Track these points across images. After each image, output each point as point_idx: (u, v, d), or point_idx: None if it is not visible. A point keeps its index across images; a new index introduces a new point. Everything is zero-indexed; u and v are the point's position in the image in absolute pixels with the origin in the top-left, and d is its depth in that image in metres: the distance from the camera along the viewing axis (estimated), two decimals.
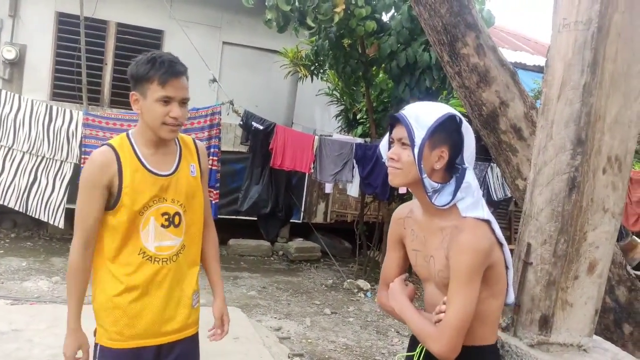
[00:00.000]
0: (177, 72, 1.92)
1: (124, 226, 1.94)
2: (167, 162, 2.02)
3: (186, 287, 2.07)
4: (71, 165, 6.58)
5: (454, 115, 1.66)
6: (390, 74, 5.73)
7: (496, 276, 1.62)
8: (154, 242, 1.97)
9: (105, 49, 7.88)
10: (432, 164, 1.64)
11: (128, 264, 1.97)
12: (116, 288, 1.96)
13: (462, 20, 3.15)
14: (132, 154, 1.97)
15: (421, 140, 1.60)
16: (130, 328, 1.97)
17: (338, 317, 6.08)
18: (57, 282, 5.70)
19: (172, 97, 1.90)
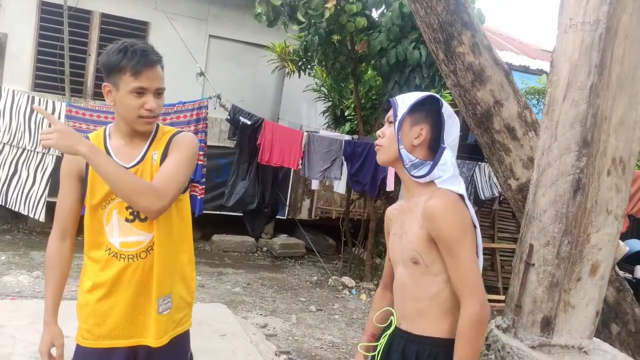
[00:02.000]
0: (150, 61, 1.81)
1: (89, 220, 1.88)
2: (135, 155, 1.90)
3: (158, 288, 1.89)
4: (53, 158, 6.44)
5: (435, 97, 1.81)
6: (379, 71, 5.71)
7: None
8: (119, 238, 1.87)
9: (88, 40, 7.72)
10: (412, 140, 1.77)
11: (97, 260, 1.89)
12: (87, 284, 1.91)
13: (458, 19, 3.14)
14: (101, 145, 1.90)
15: (402, 114, 1.77)
16: (98, 327, 1.89)
17: (324, 314, 6.06)
18: (38, 277, 5.57)
19: (146, 88, 1.80)
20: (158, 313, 1.90)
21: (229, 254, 8.17)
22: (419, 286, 1.73)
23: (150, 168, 1.89)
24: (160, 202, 1.78)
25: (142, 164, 1.89)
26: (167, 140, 1.94)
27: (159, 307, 1.90)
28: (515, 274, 1.87)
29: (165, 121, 6.31)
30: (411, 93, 1.86)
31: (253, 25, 8.22)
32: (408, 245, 1.74)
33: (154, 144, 1.94)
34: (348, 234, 7.84)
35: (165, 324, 1.94)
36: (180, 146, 1.92)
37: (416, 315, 1.74)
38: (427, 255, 1.69)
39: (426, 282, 1.71)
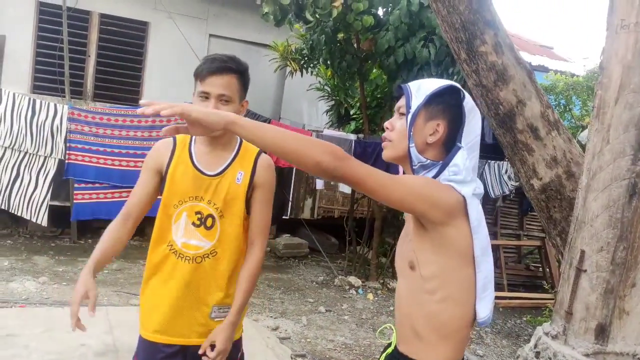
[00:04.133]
0: (217, 67, 1.90)
1: (160, 215, 1.99)
2: (217, 164, 2.01)
3: (208, 295, 2.00)
4: (55, 161, 6.35)
5: (457, 88, 1.58)
6: (386, 70, 5.66)
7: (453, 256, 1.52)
8: (182, 238, 1.97)
9: (88, 41, 7.61)
10: (425, 137, 1.55)
11: (158, 252, 2.00)
12: (146, 274, 2.04)
13: (480, 18, 3.11)
14: (185, 148, 2.01)
15: (417, 106, 1.54)
16: (148, 318, 2.01)
17: (333, 315, 6.02)
18: (45, 283, 5.49)
19: (208, 92, 1.89)
20: (210, 318, 2.01)
21: None
22: (414, 304, 1.58)
23: (230, 185, 2.00)
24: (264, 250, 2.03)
25: (222, 176, 2.00)
26: (253, 162, 2.05)
27: (212, 312, 2.01)
28: (564, 280, 1.84)
29: (169, 122, 6.24)
30: (428, 80, 1.64)
31: (253, 24, 8.16)
32: (408, 246, 1.59)
33: (237, 159, 2.04)
34: (353, 233, 7.81)
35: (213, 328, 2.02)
36: (268, 184, 2.06)
37: (412, 336, 1.59)
38: (421, 254, 1.53)
39: (422, 300, 1.55)
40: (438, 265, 1.52)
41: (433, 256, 1.53)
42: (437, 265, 1.52)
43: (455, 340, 1.55)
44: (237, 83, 1.94)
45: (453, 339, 1.55)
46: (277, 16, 5.44)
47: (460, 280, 1.54)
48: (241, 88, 1.97)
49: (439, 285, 1.53)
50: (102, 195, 6.38)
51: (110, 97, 7.69)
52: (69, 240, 7.16)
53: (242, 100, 2.00)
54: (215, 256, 1.99)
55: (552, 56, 10.47)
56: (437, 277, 1.53)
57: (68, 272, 6.04)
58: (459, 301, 1.54)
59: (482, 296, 1.55)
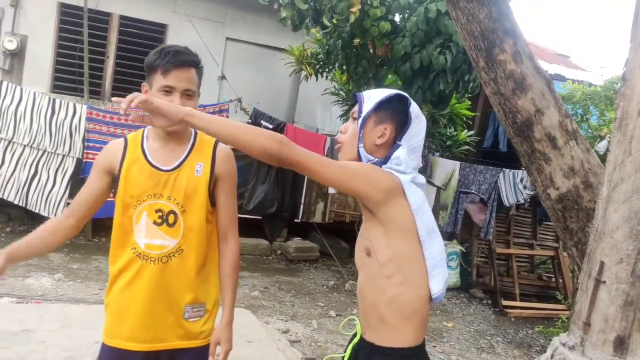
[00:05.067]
0: (181, 61, 1.85)
1: (119, 217, 1.92)
2: (173, 158, 1.93)
3: (179, 296, 1.93)
4: (73, 160, 6.43)
5: (404, 96, 1.77)
6: (402, 76, 5.67)
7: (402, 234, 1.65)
8: (145, 239, 1.89)
9: (107, 42, 7.71)
10: (374, 139, 1.72)
11: (121, 256, 1.94)
12: (112, 281, 1.97)
13: (500, 27, 3.11)
14: (138, 145, 1.94)
15: (367, 111, 1.71)
16: (116, 326, 1.94)
17: (343, 319, 6.02)
18: (60, 280, 5.56)
19: (173, 87, 1.83)
20: (183, 319, 1.94)
21: (244, 257, 8.13)
22: (376, 291, 1.69)
23: (189, 177, 1.93)
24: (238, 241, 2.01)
25: (180, 170, 1.93)
26: (212, 153, 1.98)
27: (185, 313, 1.94)
28: (583, 291, 1.84)
29: None
30: (379, 89, 1.81)
31: (269, 27, 8.22)
32: (362, 235, 1.74)
33: (194, 151, 1.97)
34: None
35: (192, 331, 1.97)
36: (231, 174, 2.01)
37: (378, 323, 1.70)
38: (375, 239, 1.66)
39: (382, 286, 1.68)
40: (391, 250, 1.66)
41: (385, 241, 1.67)
42: (390, 250, 1.66)
43: (417, 320, 1.69)
44: (197, 77, 1.91)
45: (414, 319, 1.69)
46: (294, 21, 5.47)
47: (413, 261, 1.68)
48: (199, 81, 1.94)
49: (395, 268, 1.67)
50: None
51: None
52: (83, 238, 7.23)
53: (198, 94, 1.96)
54: (182, 254, 1.91)
55: (569, 65, 10.42)
56: (392, 260, 1.67)
57: (82, 269, 6.10)
58: (414, 282, 1.69)
59: (434, 274, 1.70)
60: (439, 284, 1.70)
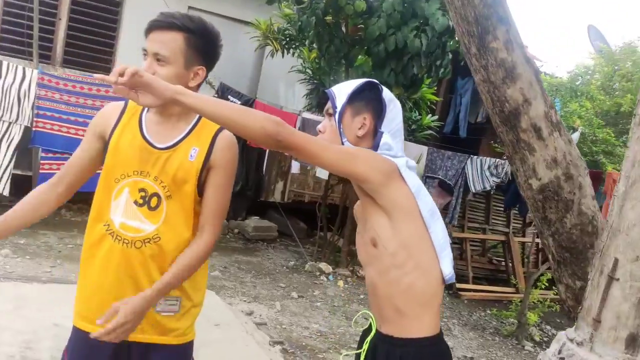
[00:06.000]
0: (160, 22, 1.69)
1: (100, 189, 1.78)
2: (170, 136, 1.76)
3: (148, 284, 1.72)
4: (21, 128, 6.02)
5: (374, 83, 1.76)
6: (375, 57, 5.58)
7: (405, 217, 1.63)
8: (121, 218, 1.74)
9: (59, 3, 7.20)
10: (355, 131, 1.71)
11: (94, 232, 1.78)
12: (82, 256, 1.82)
13: (494, 13, 3.05)
14: (136, 115, 1.80)
15: (341, 105, 1.70)
16: (83, 306, 1.80)
17: (306, 301, 5.98)
18: (8, 256, 5.22)
19: (146, 49, 1.69)
20: (155, 311, 1.75)
21: None
22: (389, 283, 1.66)
23: (182, 161, 1.74)
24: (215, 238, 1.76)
25: (174, 150, 1.75)
26: (211, 139, 1.78)
27: (157, 305, 1.75)
28: (593, 288, 1.83)
29: None
30: (346, 82, 1.80)
31: None
32: (366, 226, 1.70)
33: (194, 133, 1.78)
34: (324, 219, 7.76)
35: (165, 325, 1.79)
36: (228, 163, 1.80)
37: (395, 315, 1.66)
38: (380, 227, 1.63)
39: (395, 277, 1.64)
40: (398, 237, 1.62)
41: (391, 229, 1.62)
42: (397, 238, 1.63)
43: (434, 307, 1.68)
44: (182, 43, 1.69)
45: (431, 305, 1.67)
46: None
47: (421, 246, 1.65)
48: (190, 51, 1.70)
49: (405, 256, 1.63)
50: None
51: (81, 64, 7.32)
52: None
53: (191, 66, 1.72)
54: (158, 242, 1.73)
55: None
56: (401, 248, 1.63)
57: (30, 245, 5.77)
58: (426, 267, 1.66)
59: (442, 255, 1.68)
60: (448, 265, 1.69)
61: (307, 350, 4.58)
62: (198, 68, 1.75)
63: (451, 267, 1.69)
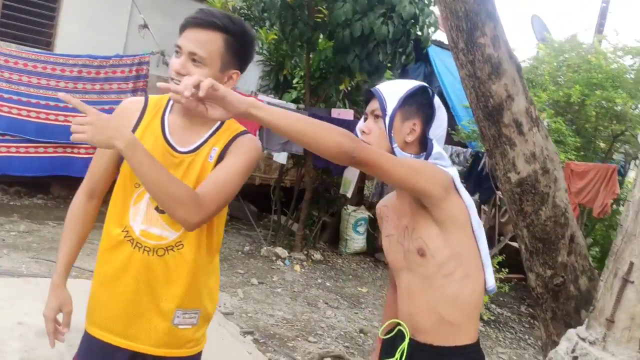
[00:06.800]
0: (197, 20, 1.59)
1: (120, 191, 1.69)
2: (192, 139, 1.67)
3: (170, 296, 1.67)
4: None
5: (426, 87, 1.72)
6: (340, 42, 5.52)
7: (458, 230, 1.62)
8: (141, 225, 1.65)
9: None
10: (404, 136, 1.67)
11: (110, 236, 1.69)
12: (99, 259, 1.74)
13: (484, 9, 3.08)
14: (158, 115, 1.70)
15: (392, 109, 1.64)
16: (97, 313, 1.72)
17: (266, 287, 5.94)
18: None
19: (180, 46, 1.59)
20: (172, 324, 1.68)
21: None
22: (433, 291, 1.63)
23: (203, 163, 1.66)
24: (200, 216, 1.55)
25: (196, 154, 1.67)
26: (230, 138, 1.69)
27: (174, 318, 1.68)
28: (607, 289, 1.90)
29: (98, 75, 5.68)
30: (396, 82, 1.75)
31: None
32: (413, 235, 1.65)
33: (215, 136, 1.69)
34: (279, 203, 7.70)
35: (179, 339, 1.72)
36: (240, 151, 1.67)
37: (435, 323, 1.64)
38: (430, 238, 1.60)
39: (441, 285, 1.63)
40: (449, 248, 1.61)
41: (442, 239, 1.61)
42: (448, 248, 1.61)
43: (476, 315, 1.68)
44: (221, 45, 1.60)
45: (475, 315, 1.67)
46: None
47: (470, 255, 1.66)
48: (227, 54, 1.62)
49: (455, 265, 1.62)
50: (13, 149, 5.69)
51: (18, 38, 6.81)
52: None
53: (227, 70, 1.64)
54: (181, 249, 1.65)
55: None
56: (451, 258, 1.62)
57: None
58: (473, 277, 1.66)
59: (487, 264, 1.70)
60: (491, 275, 1.70)
61: (276, 339, 4.56)
62: (233, 72, 1.67)
63: (493, 277, 1.70)
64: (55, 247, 5.56)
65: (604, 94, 5.98)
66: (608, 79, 6.22)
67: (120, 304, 1.67)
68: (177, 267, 1.66)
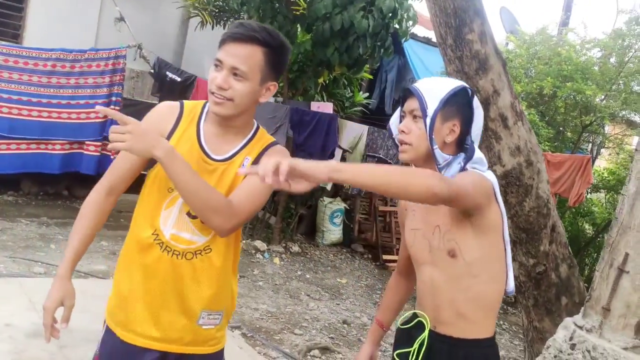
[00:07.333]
0: (237, 34, 1.62)
1: (150, 193, 1.72)
2: (227, 148, 1.72)
3: (197, 298, 1.71)
4: None
5: (466, 88, 1.71)
6: (320, 36, 5.52)
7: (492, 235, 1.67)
8: (172, 229, 1.68)
9: None
10: (444, 137, 1.66)
11: (139, 238, 1.72)
12: (124, 259, 1.77)
13: (471, 5, 3.14)
14: (194, 121, 1.73)
15: (433, 110, 1.63)
16: (122, 313, 1.73)
17: (248, 281, 5.95)
18: None
19: (222, 61, 1.62)
20: (197, 324, 1.74)
21: (124, 215, 7.55)
22: (458, 289, 1.68)
23: (235, 171, 1.71)
24: (233, 223, 1.63)
25: (230, 163, 1.71)
26: (262, 149, 1.75)
27: (200, 318, 1.74)
28: (602, 279, 1.99)
29: (73, 69, 5.55)
30: (436, 80, 1.75)
31: None
32: (446, 236, 1.67)
33: (249, 146, 1.75)
34: None
35: (202, 337, 1.77)
36: None
37: (454, 318, 1.70)
38: (465, 245, 1.64)
39: (467, 285, 1.68)
40: (480, 249, 1.66)
41: (474, 241, 1.65)
42: (479, 250, 1.66)
43: (495, 313, 1.76)
44: (261, 59, 1.63)
45: (494, 313, 1.75)
46: None
47: (498, 259, 1.71)
48: (267, 67, 1.65)
49: (482, 267, 1.67)
50: None
51: None
52: None
53: (266, 82, 1.67)
54: (209, 253, 1.71)
55: None
56: (480, 260, 1.67)
57: None
58: (498, 278, 1.72)
59: (510, 267, 1.76)
60: (512, 278, 1.76)
61: (262, 332, 4.59)
62: (271, 84, 1.70)
63: (513, 280, 1.77)
64: (30, 245, 5.45)
65: (575, 86, 6.16)
66: (578, 71, 6.41)
67: (146, 305, 1.70)
68: (205, 271, 1.71)
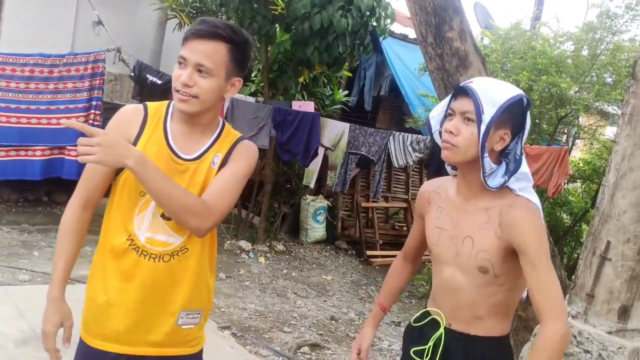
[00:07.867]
0: (201, 31, 1.61)
1: (124, 199, 1.67)
2: (195, 147, 1.71)
3: (175, 299, 1.71)
4: None
5: (524, 98, 1.62)
6: (299, 36, 5.55)
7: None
8: (146, 233, 1.66)
9: None
10: (493, 145, 1.59)
11: (113, 245, 1.68)
12: (96, 265, 1.74)
13: (451, 4, 3.21)
14: (160, 123, 1.71)
15: (490, 117, 1.55)
16: (96, 324, 1.71)
17: (235, 281, 5.96)
18: None
19: (186, 58, 1.61)
20: (175, 325, 1.74)
21: None
22: (482, 294, 1.69)
23: (207, 170, 1.71)
24: (210, 223, 1.62)
25: (200, 161, 1.71)
26: (231, 145, 1.75)
27: (179, 319, 1.73)
28: (586, 267, 2.07)
29: (52, 74, 5.49)
30: (492, 83, 1.64)
31: None
32: (479, 255, 1.65)
33: (217, 143, 1.74)
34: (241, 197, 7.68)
35: (182, 337, 1.77)
36: (242, 157, 1.74)
37: (471, 318, 1.72)
38: (500, 267, 1.64)
39: (490, 292, 1.68)
40: (508, 264, 1.64)
41: (505, 257, 1.63)
42: (507, 264, 1.64)
43: (512, 315, 1.77)
44: (225, 55, 1.62)
45: (511, 315, 1.77)
46: None
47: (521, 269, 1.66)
48: (231, 62, 1.64)
49: (507, 278, 1.67)
50: None
51: None
52: None
53: (230, 78, 1.67)
54: (186, 253, 1.69)
55: None
56: (507, 272, 1.66)
57: None
58: (520, 288, 1.73)
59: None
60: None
61: (252, 332, 4.62)
62: (235, 79, 1.70)
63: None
64: (13, 252, 5.38)
65: (550, 79, 6.28)
66: (552, 64, 6.54)
67: (125, 311, 1.68)
68: (183, 271, 1.70)
